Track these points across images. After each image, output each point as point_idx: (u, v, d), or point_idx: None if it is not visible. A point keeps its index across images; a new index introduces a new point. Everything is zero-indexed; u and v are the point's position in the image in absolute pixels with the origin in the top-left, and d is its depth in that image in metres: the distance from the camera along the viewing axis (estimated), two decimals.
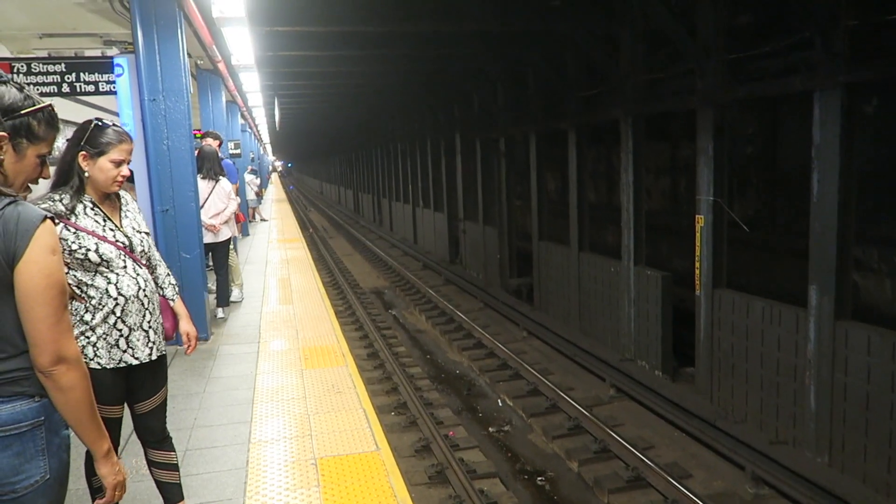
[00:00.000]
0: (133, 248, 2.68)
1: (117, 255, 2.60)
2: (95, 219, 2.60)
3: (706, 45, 7.37)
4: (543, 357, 10.11)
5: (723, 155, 7.50)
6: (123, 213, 2.74)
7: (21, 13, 7.24)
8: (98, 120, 2.63)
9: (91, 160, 2.57)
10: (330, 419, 4.44)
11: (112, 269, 2.58)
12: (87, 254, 2.52)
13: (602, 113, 9.91)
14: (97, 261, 2.54)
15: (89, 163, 2.57)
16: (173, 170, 6.00)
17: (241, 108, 16.43)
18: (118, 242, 2.62)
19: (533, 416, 7.98)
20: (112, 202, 2.71)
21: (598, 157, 13.98)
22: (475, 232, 16.05)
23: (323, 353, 5.96)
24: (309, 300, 8.26)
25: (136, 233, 2.73)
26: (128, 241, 2.66)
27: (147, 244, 2.77)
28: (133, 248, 2.67)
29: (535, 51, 11.02)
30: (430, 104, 18.24)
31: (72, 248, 2.51)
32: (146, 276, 2.71)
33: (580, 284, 10.79)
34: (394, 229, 26.35)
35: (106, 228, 2.61)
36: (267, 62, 10.33)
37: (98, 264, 2.55)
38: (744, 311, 7.18)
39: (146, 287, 2.69)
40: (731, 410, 7.39)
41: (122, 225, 2.70)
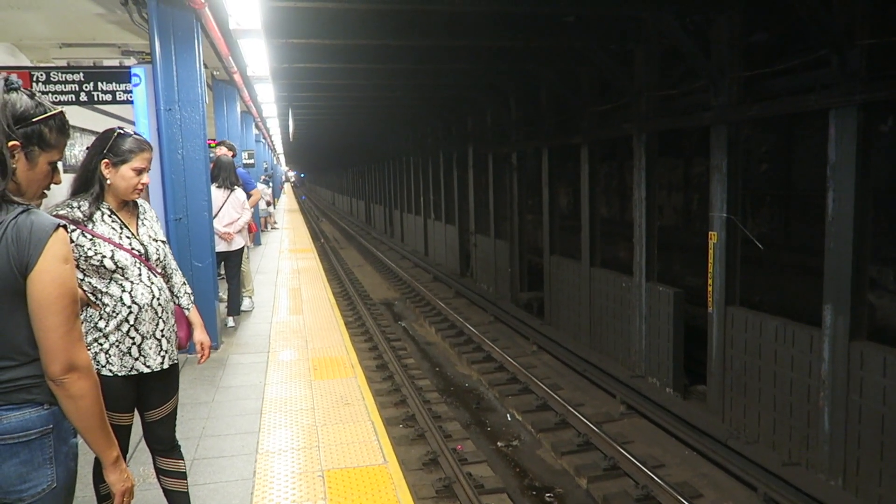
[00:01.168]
0: (148, 256, 2.69)
1: (132, 263, 2.61)
2: (112, 226, 2.62)
3: (721, 62, 7.36)
4: (553, 372, 10.06)
5: (737, 172, 7.47)
6: (140, 221, 2.75)
7: (42, 23, 7.35)
8: (120, 128, 2.66)
9: (113, 168, 2.60)
10: (338, 431, 4.42)
11: (127, 277, 2.59)
12: (103, 260, 2.54)
13: (615, 128, 9.91)
14: (112, 267, 2.56)
15: (111, 171, 2.60)
16: (187, 179, 6.04)
17: (255, 118, 16.56)
18: (134, 250, 2.63)
19: (542, 431, 7.92)
20: (129, 210, 2.73)
21: (610, 172, 13.98)
22: (486, 245, 16.04)
23: (332, 364, 5.95)
24: (319, 311, 8.27)
25: (153, 241, 2.74)
26: (143, 250, 2.68)
27: (163, 252, 2.79)
28: (148, 257, 2.69)
29: (548, 66, 11.04)
30: (443, 117, 18.30)
31: (87, 254, 2.52)
32: (160, 285, 2.72)
33: (591, 300, 10.74)
34: (405, 241, 26.39)
35: (122, 236, 2.63)
36: (282, 74, 10.40)
37: (113, 271, 2.56)
38: (757, 329, 7.11)
39: (160, 296, 2.70)
40: (743, 430, 7.30)
41: (139, 233, 2.71)
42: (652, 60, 8.82)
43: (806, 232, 8.98)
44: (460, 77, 12.55)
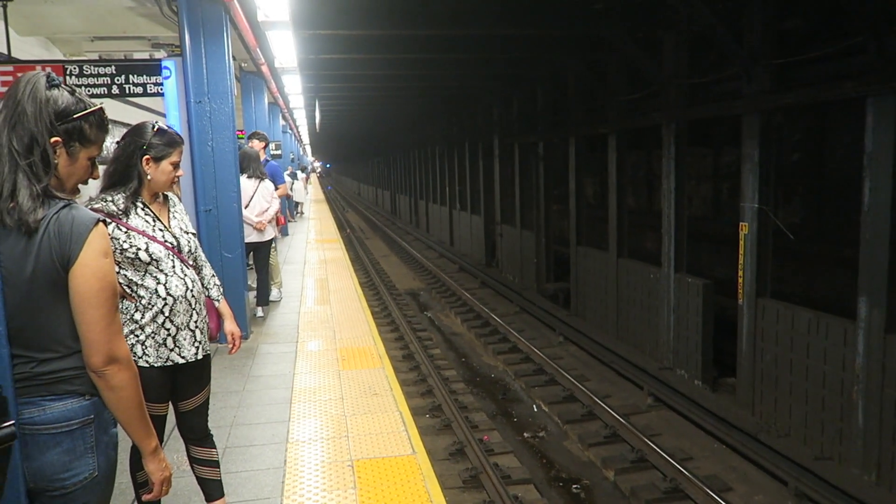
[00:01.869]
0: (181, 248, 2.73)
1: (166, 255, 2.65)
2: (146, 219, 2.66)
3: (753, 49, 7.22)
4: (579, 363, 10.01)
5: (769, 162, 7.34)
6: (172, 213, 2.79)
7: (74, 17, 7.47)
8: (155, 124, 2.70)
9: (154, 164, 2.64)
10: (366, 421, 4.46)
11: (161, 269, 2.64)
12: (138, 252, 2.58)
13: (644, 118, 9.78)
14: (147, 260, 2.60)
15: (152, 166, 2.64)
16: (217, 170, 6.10)
17: (282, 109, 16.66)
18: (167, 242, 2.67)
19: (568, 422, 7.90)
20: (161, 203, 2.77)
21: (637, 161, 13.81)
22: (512, 235, 15.99)
23: (360, 355, 5.99)
24: (346, 301, 8.32)
25: (184, 233, 2.78)
26: (176, 242, 2.72)
27: (194, 245, 2.83)
28: (181, 249, 2.73)
29: (575, 55, 10.94)
30: (469, 107, 18.24)
31: (123, 246, 2.56)
32: (193, 277, 2.76)
33: (618, 290, 10.65)
34: (430, 231, 26.42)
35: (155, 229, 2.67)
36: (309, 65, 10.44)
37: (147, 263, 2.60)
38: (789, 321, 7.00)
39: (193, 287, 2.74)
40: (774, 424, 7.21)
41: (171, 225, 2.75)
42: (681, 48, 8.68)
43: (840, 222, 8.79)
44: (487, 66, 12.49)
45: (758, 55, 7.17)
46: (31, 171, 1.64)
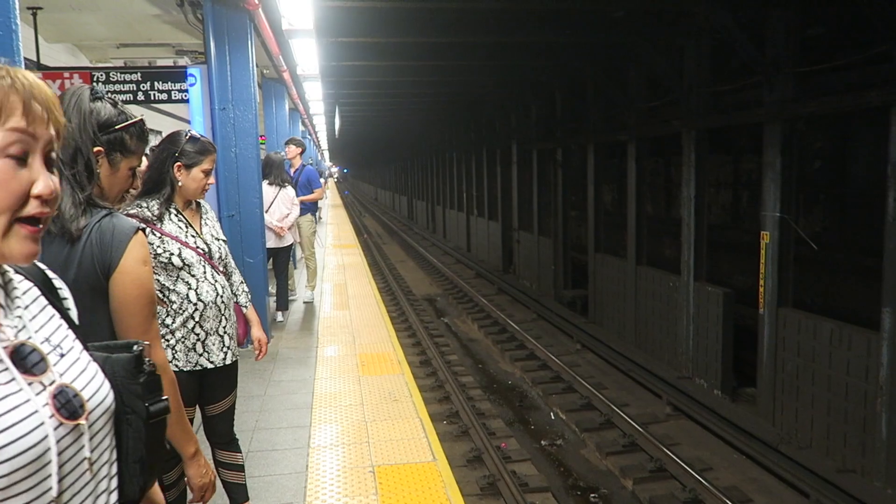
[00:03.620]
0: (212, 254, 2.78)
1: (198, 261, 2.70)
2: (179, 225, 2.71)
3: (776, 57, 7.18)
4: (597, 371, 9.98)
5: (791, 170, 7.29)
6: (203, 220, 2.84)
7: (101, 25, 7.59)
8: (188, 132, 2.75)
9: (185, 170, 2.69)
10: (387, 427, 4.48)
11: (193, 275, 2.68)
12: (171, 258, 2.63)
13: (664, 125, 9.75)
14: (179, 265, 2.65)
15: (184, 173, 2.69)
16: (240, 176, 6.17)
17: (302, 115, 16.79)
18: (199, 248, 2.72)
19: (586, 430, 7.88)
20: (193, 210, 2.82)
21: (656, 168, 13.76)
22: (529, 242, 15.98)
23: (379, 360, 6.02)
24: (365, 307, 8.37)
25: (215, 240, 2.83)
26: (207, 248, 2.76)
27: (224, 251, 2.87)
28: (212, 255, 2.77)
29: (595, 62, 10.94)
30: (486, 113, 18.27)
31: (157, 251, 2.62)
32: (223, 283, 2.80)
33: (637, 298, 10.61)
34: (447, 237, 26.45)
35: (188, 235, 2.71)
36: (330, 71, 10.53)
37: (180, 268, 2.65)
38: (810, 332, 6.94)
39: (223, 293, 2.78)
40: (795, 435, 7.14)
41: (202, 232, 2.80)
42: (703, 55, 8.65)
43: (863, 231, 8.70)
44: (505, 73, 12.53)
45: (780, 63, 7.14)
46: (74, 181, 1.69)
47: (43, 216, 0.88)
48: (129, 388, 1.08)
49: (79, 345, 1.04)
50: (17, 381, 0.88)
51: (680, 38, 8.79)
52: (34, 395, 0.88)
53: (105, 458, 1.01)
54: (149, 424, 1.09)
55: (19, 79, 0.88)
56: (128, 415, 1.07)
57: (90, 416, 0.96)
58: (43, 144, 0.90)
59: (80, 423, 0.93)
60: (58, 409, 0.91)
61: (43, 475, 0.86)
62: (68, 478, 0.91)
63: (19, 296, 0.98)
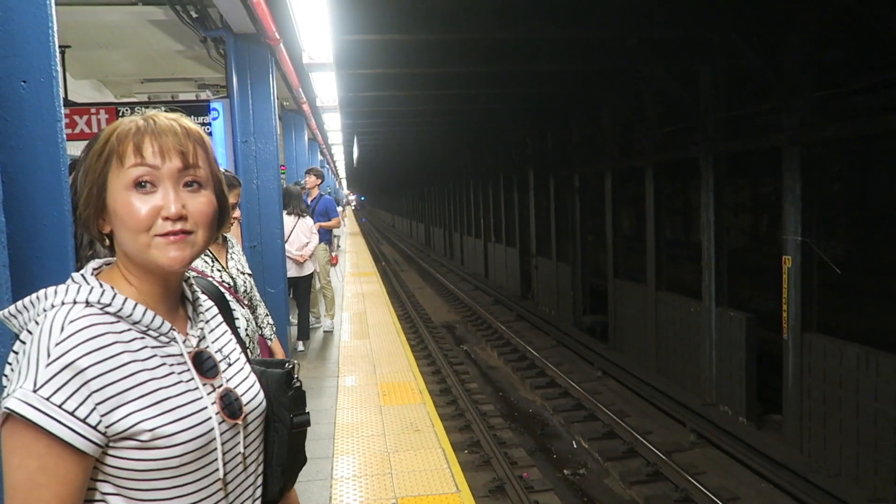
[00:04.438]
0: (237, 288, 2.81)
1: None
2: (204, 259, 2.76)
3: (792, 82, 7.19)
4: (619, 398, 9.87)
5: (811, 194, 7.24)
6: (229, 254, 2.88)
7: (126, 61, 7.79)
8: None
9: None
10: (409, 458, 4.46)
11: None
12: None
13: (681, 150, 9.76)
14: None
15: None
16: (261, 207, 6.25)
17: (320, 145, 17.00)
18: (224, 283, 2.76)
19: (609, 459, 7.77)
20: (219, 244, 2.86)
21: (674, 192, 13.74)
22: (548, 268, 15.94)
23: (400, 390, 6.01)
24: (385, 335, 8.37)
25: (240, 273, 2.87)
26: (233, 282, 2.80)
27: (249, 284, 2.91)
28: (237, 289, 2.81)
29: (610, 88, 11.01)
30: (502, 140, 18.40)
31: None
32: (248, 316, 2.83)
33: (658, 324, 10.52)
34: (465, 263, 26.46)
35: (214, 269, 2.76)
36: (349, 102, 10.70)
37: None
38: (837, 357, 6.83)
39: (247, 327, 2.81)
40: (824, 463, 6.99)
41: (228, 266, 2.84)
42: (718, 81, 8.68)
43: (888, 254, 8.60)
44: (521, 101, 12.63)
45: (797, 87, 7.14)
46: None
47: (174, 232, 1.03)
48: (279, 399, 1.23)
49: (243, 357, 1.21)
50: (195, 381, 1.06)
51: (695, 63, 8.83)
52: (206, 394, 1.06)
53: (254, 458, 1.15)
54: (292, 433, 1.23)
55: (139, 124, 1.05)
56: (275, 423, 1.22)
57: (246, 418, 1.12)
58: (169, 175, 1.03)
59: (237, 422, 1.09)
60: (223, 409, 1.07)
61: (210, 460, 1.04)
62: (228, 465, 1.07)
63: (203, 311, 1.17)
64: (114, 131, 1.05)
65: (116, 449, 0.96)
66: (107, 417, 0.94)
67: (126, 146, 1.03)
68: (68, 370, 0.93)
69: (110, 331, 0.98)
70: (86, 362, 0.94)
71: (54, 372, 0.92)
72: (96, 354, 0.95)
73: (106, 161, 1.04)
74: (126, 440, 0.96)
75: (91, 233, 1.09)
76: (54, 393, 0.92)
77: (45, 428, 0.91)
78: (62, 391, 0.92)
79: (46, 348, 0.93)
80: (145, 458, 0.97)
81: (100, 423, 0.94)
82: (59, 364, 0.92)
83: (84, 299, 0.99)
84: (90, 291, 1.01)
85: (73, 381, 0.93)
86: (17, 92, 1.70)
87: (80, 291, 1.00)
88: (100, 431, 0.94)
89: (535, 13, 7.09)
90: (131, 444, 0.96)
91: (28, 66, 1.71)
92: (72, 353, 0.93)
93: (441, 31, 7.19)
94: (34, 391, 0.91)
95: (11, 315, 1.02)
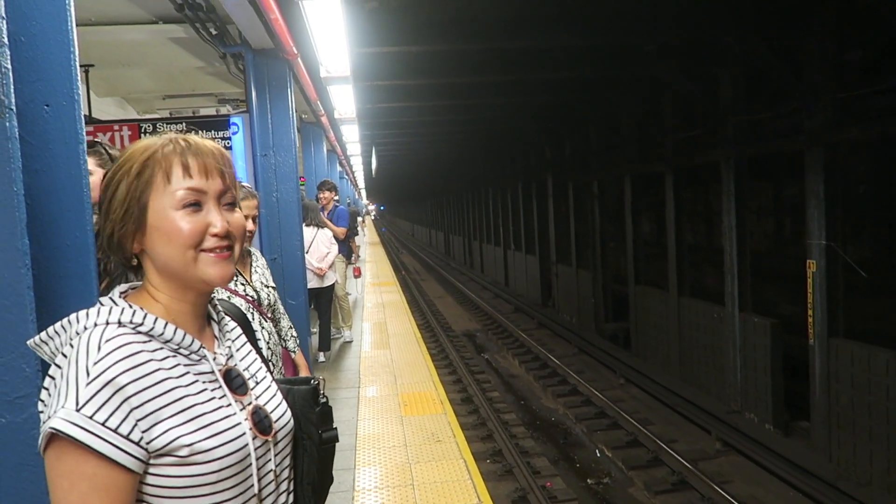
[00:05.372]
0: (261, 301, 2.83)
1: (246, 309, 2.76)
2: None
3: (813, 83, 7.10)
4: (642, 406, 9.77)
5: (835, 197, 7.14)
6: (253, 268, 2.90)
7: (148, 79, 7.93)
8: None
9: None
10: (431, 469, 4.45)
11: None
12: None
13: (701, 155, 9.68)
14: None
15: None
16: (282, 220, 6.30)
17: (339, 157, 17.12)
18: (248, 296, 2.78)
19: (634, 468, 7.69)
20: (243, 258, 2.88)
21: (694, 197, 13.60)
22: (568, 275, 15.87)
23: (421, 400, 6.01)
24: (405, 345, 8.38)
25: (264, 287, 2.88)
26: (256, 295, 2.82)
27: (273, 298, 2.92)
28: (261, 302, 2.83)
29: (628, 94, 10.96)
30: (521, 148, 18.39)
31: None
32: (270, 329, 2.85)
33: (680, 331, 10.41)
34: (484, 271, 26.43)
35: (237, 283, 2.78)
36: (366, 114, 10.77)
37: None
38: (865, 362, 6.71)
39: (269, 340, 2.83)
40: (854, 470, 6.85)
41: (252, 280, 2.86)
42: (738, 84, 8.61)
43: None
44: (539, 108, 12.62)
45: (818, 89, 7.05)
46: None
47: (220, 247, 1.07)
48: (307, 416, 1.24)
49: (269, 375, 1.22)
50: (227, 397, 1.08)
51: (714, 67, 8.77)
52: (238, 410, 1.07)
53: (285, 475, 1.16)
54: (321, 449, 1.24)
55: (180, 144, 1.08)
56: (304, 440, 1.22)
57: (276, 435, 1.13)
58: (213, 194, 1.08)
59: (268, 438, 1.10)
60: (254, 425, 1.08)
61: (245, 476, 1.05)
62: (262, 482, 1.08)
63: (229, 330, 1.19)
64: (152, 151, 1.07)
65: (156, 466, 0.97)
66: (147, 434, 0.95)
67: (173, 166, 1.06)
68: (108, 388, 0.93)
69: (144, 349, 1.00)
70: (125, 379, 0.95)
71: (95, 390, 0.93)
72: (134, 372, 0.96)
73: (148, 181, 1.06)
74: (165, 456, 0.97)
75: (123, 252, 1.10)
76: (97, 411, 0.92)
77: (92, 447, 0.91)
78: (104, 409, 0.93)
79: (85, 367, 0.94)
80: (184, 474, 0.98)
81: (142, 440, 0.95)
82: (99, 382, 0.93)
83: (116, 320, 1.01)
84: (121, 312, 1.02)
85: (113, 399, 0.93)
86: (41, 115, 1.74)
87: (112, 312, 1.02)
88: (142, 448, 0.95)
89: (549, 22, 7.09)
90: (170, 460, 0.97)
91: (51, 89, 1.75)
92: (111, 371, 0.94)
93: (456, 41, 7.22)
94: (77, 410, 0.92)
95: (42, 342, 1.03)
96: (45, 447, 0.93)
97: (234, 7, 4.43)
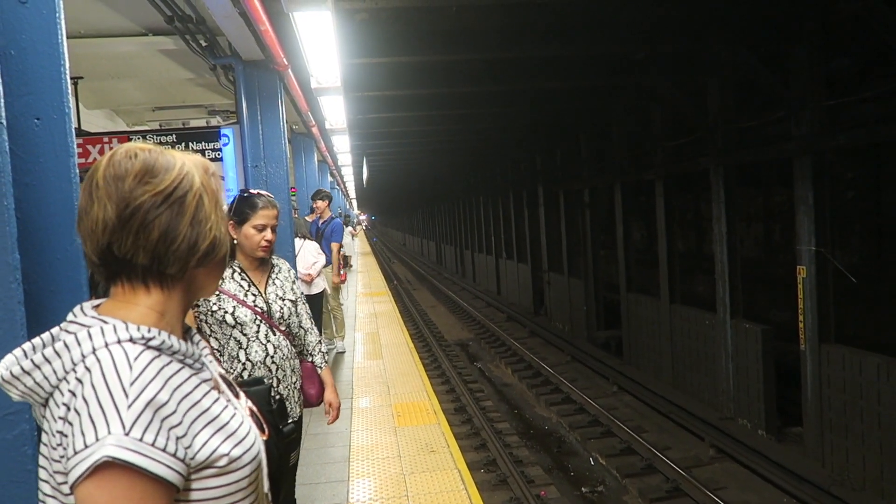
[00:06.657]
0: (271, 314, 2.79)
1: (252, 320, 2.73)
2: (241, 283, 2.77)
3: (801, 91, 7.17)
4: (636, 413, 9.78)
5: (824, 203, 7.19)
6: (272, 280, 2.86)
7: (138, 90, 7.91)
8: (244, 191, 2.83)
9: (236, 228, 2.74)
10: (425, 480, 4.43)
11: (244, 334, 2.72)
12: (224, 316, 2.69)
13: (690, 163, 9.73)
14: (232, 323, 2.71)
15: (235, 231, 2.74)
16: None
17: (330, 167, 17.11)
18: (256, 307, 2.75)
19: (628, 476, 7.68)
20: (262, 269, 2.85)
21: (685, 204, 13.69)
22: (560, 283, 15.89)
23: (414, 411, 5.99)
24: (398, 355, 8.36)
25: (279, 299, 2.84)
26: (266, 307, 2.79)
27: (287, 311, 2.85)
28: (271, 314, 2.79)
29: (618, 102, 11.02)
30: (511, 157, 18.44)
31: (212, 308, 2.68)
32: (278, 343, 2.79)
33: (672, 338, 10.43)
34: (476, 280, 26.43)
35: (248, 294, 2.76)
36: (357, 124, 10.78)
37: (233, 327, 2.71)
38: (856, 367, 6.74)
39: (275, 353, 2.78)
40: (847, 476, 6.87)
41: (266, 291, 2.82)
42: (726, 92, 8.67)
43: None
44: (528, 117, 12.66)
45: (806, 97, 7.12)
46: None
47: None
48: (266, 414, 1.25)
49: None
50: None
51: (702, 75, 8.84)
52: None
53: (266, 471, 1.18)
54: (282, 444, 1.27)
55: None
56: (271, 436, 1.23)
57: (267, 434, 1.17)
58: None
59: (265, 438, 1.14)
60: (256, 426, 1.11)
61: (259, 476, 1.07)
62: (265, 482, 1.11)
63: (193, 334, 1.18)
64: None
65: (196, 480, 0.97)
66: (189, 449, 0.95)
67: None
68: (150, 407, 0.91)
69: (164, 364, 0.98)
70: (163, 397, 0.93)
71: (139, 411, 0.90)
72: (167, 388, 0.95)
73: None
74: (206, 469, 0.97)
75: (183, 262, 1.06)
76: (145, 432, 0.90)
77: (147, 469, 0.89)
78: (150, 429, 0.91)
79: (121, 389, 0.91)
80: (223, 483, 0.99)
81: (185, 456, 0.94)
82: (140, 402, 0.91)
83: (128, 337, 0.97)
84: (126, 328, 0.98)
85: (155, 418, 0.92)
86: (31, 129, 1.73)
87: (118, 330, 0.97)
88: (185, 463, 0.94)
89: (538, 32, 7.13)
90: (210, 471, 0.97)
91: (41, 103, 1.74)
92: (149, 390, 0.92)
93: (445, 52, 7.25)
94: (126, 434, 0.88)
95: (35, 366, 0.96)
96: (86, 478, 0.88)
97: (224, 19, 4.43)
